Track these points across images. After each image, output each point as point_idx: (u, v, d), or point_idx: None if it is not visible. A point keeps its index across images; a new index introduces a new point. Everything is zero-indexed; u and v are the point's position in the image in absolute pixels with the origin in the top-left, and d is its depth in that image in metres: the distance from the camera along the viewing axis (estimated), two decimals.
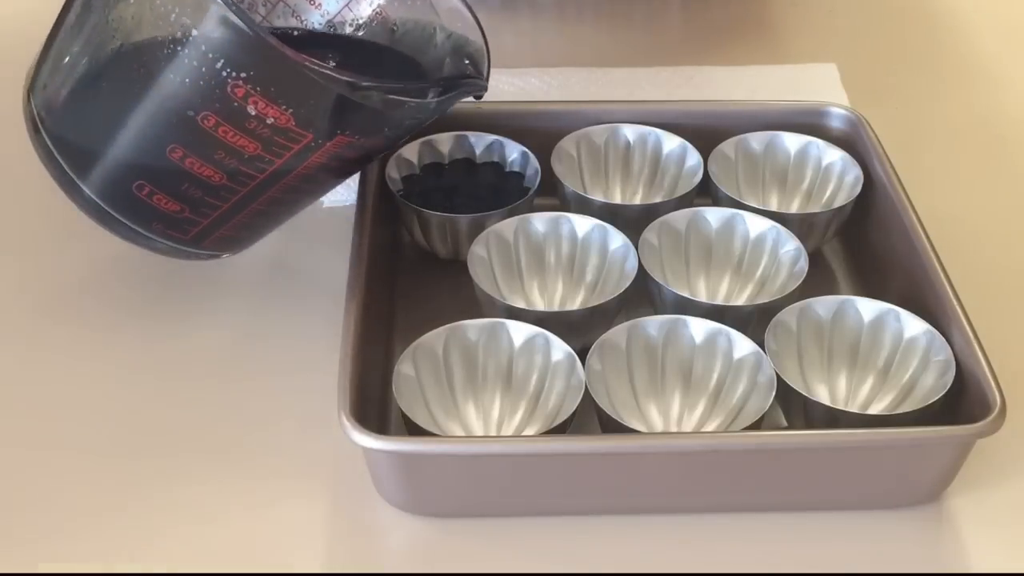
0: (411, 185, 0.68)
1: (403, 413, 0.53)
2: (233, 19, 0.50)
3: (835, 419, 0.54)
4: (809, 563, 0.52)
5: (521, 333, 0.57)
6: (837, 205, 0.66)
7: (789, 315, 0.58)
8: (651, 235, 0.63)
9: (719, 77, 0.83)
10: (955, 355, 0.55)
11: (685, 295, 0.59)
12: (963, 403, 0.54)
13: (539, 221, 0.64)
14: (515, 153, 0.69)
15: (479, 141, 0.69)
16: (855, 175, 0.67)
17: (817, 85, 0.82)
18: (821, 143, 0.69)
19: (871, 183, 0.66)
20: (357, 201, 0.63)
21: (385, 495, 0.54)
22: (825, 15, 0.93)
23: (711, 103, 0.74)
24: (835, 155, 0.68)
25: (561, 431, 0.53)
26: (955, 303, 0.56)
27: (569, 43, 0.91)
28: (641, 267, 0.60)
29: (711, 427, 0.57)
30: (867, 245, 0.67)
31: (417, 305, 0.64)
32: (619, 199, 0.70)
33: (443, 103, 0.58)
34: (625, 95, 0.80)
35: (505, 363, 0.57)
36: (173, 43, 0.52)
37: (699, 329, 0.57)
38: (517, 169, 0.69)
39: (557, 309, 0.63)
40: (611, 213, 0.65)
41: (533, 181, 0.67)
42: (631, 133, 0.70)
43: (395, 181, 0.67)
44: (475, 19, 0.61)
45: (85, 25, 0.56)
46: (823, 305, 0.59)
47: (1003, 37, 0.91)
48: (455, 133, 0.69)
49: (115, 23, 0.54)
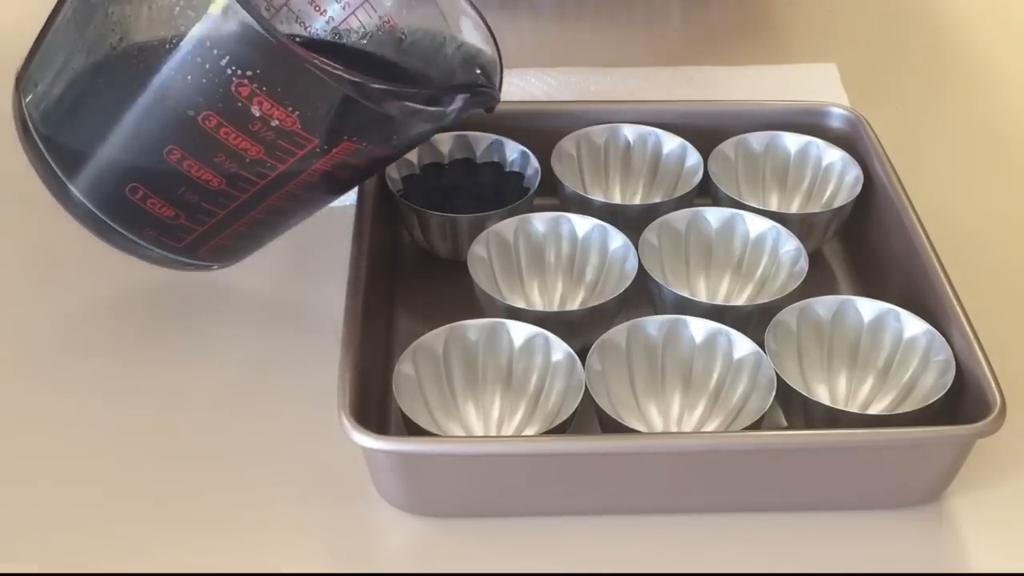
0: (411, 185, 0.68)
1: (403, 413, 0.53)
2: (241, 14, 0.48)
3: (835, 419, 0.54)
4: (809, 563, 0.52)
5: (521, 333, 0.57)
6: (837, 205, 0.66)
7: (789, 315, 0.58)
8: (651, 235, 0.63)
9: (719, 77, 0.83)
10: (955, 355, 0.55)
11: (685, 295, 0.59)
12: (963, 403, 0.54)
13: (539, 221, 0.64)
14: (515, 153, 0.69)
15: (479, 141, 0.69)
16: (855, 175, 0.67)
17: (817, 85, 0.82)
18: (821, 143, 0.69)
19: (871, 183, 0.66)
20: (357, 201, 0.63)
21: (385, 495, 0.54)
22: (825, 15, 0.94)
23: (711, 103, 0.74)
24: (835, 155, 0.68)
25: (561, 431, 0.53)
26: (955, 303, 0.56)
27: (569, 43, 0.91)
28: (641, 267, 0.60)
29: (711, 427, 0.57)
30: (867, 245, 0.67)
31: (417, 305, 0.64)
32: (619, 199, 0.70)
33: (455, 112, 0.56)
34: (625, 95, 0.80)
35: (505, 363, 0.57)
36: (176, 38, 0.50)
37: (699, 329, 0.57)
38: (517, 169, 0.69)
39: (557, 309, 0.63)
40: (611, 213, 0.65)
41: (533, 181, 0.67)
42: (631, 133, 0.70)
43: (395, 181, 0.67)
44: (489, 30, 0.59)
45: (82, 19, 0.53)
46: (823, 305, 0.59)
47: (1003, 37, 0.91)
48: (455, 133, 0.69)
49: (115, 17, 0.52)
